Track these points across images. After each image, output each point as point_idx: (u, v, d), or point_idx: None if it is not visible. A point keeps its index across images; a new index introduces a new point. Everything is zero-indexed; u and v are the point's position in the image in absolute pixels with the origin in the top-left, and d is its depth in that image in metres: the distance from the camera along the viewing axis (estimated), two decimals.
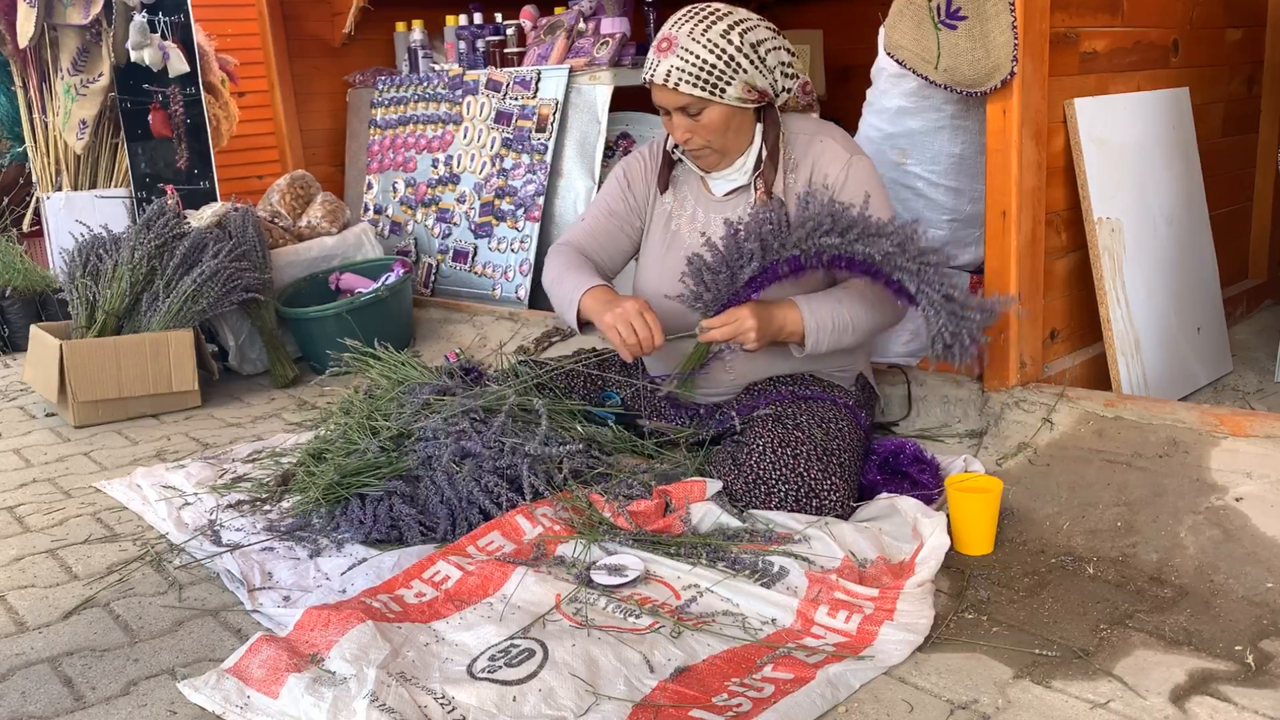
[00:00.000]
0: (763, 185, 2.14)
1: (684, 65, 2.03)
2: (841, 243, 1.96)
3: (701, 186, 2.27)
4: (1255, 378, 2.83)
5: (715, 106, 2.06)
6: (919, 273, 1.96)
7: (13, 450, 2.87)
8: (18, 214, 4.70)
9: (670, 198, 2.30)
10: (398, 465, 2.15)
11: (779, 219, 1.99)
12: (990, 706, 1.45)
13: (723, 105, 2.06)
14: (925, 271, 1.96)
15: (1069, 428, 2.18)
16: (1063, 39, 2.34)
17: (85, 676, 1.66)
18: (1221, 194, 3.07)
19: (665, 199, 2.31)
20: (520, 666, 1.53)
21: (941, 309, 1.96)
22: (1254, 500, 1.85)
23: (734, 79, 2.04)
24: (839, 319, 2.05)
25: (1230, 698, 1.44)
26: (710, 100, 2.05)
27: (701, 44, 2.02)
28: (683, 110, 2.08)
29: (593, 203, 2.41)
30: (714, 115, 2.07)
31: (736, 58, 2.03)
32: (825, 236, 1.96)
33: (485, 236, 3.83)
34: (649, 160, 2.35)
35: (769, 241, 1.98)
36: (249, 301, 3.36)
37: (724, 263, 2.00)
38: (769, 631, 1.65)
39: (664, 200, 2.31)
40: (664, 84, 2.05)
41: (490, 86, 3.89)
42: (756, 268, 1.99)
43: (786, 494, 1.96)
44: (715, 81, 2.03)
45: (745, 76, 2.05)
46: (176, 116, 4.09)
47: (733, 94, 2.05)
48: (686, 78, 2.03)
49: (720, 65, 2.02)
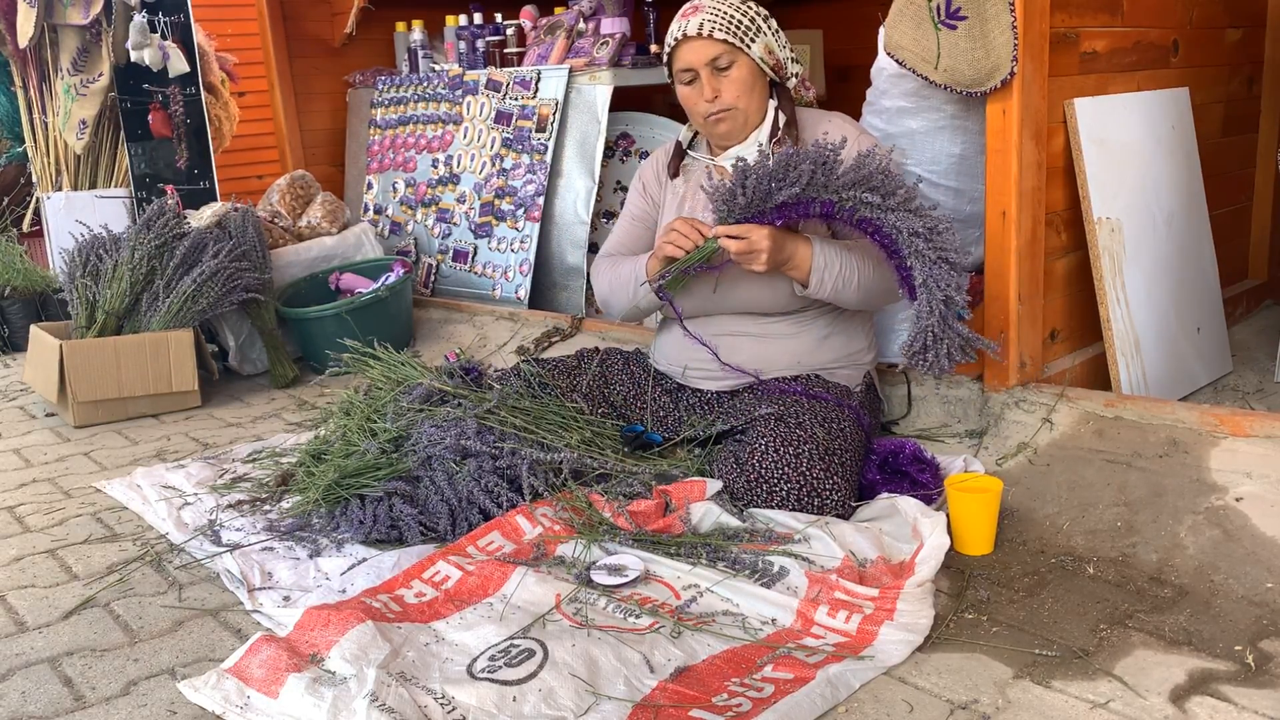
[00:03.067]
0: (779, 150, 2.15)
1: (715, 16, 2.15)
2: (880, 204, 1.99)
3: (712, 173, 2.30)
4: (1255, 378, 2.83)
5: (743, 60, 2.17)
6: (932, 265, 1.98)
7: (13, 450, 2.87)
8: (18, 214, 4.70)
9: (681, 183, 2.37)
10: (398, 466, 2.15)
11: (833, 160, 2.01)
12: (990, 706, 1.45)
13: (749, 60, 2.17)
14: (938, 267, 1.99)
15: (1069, 428, 2.18)
16: (1063, 39, 2.34)
17: (85, 676, 1.66)
18: (1221, 194, 3.07)
19: (676, 184, 2.38)
20: (520, 666, 1.53)
21: (935, 310, 1.98)
22: (1254, 500, 1.85)
23: (757, 36, 2.18)
24: (846, 267, 2.09)
25: (1230, 698, 1.44)
26: (740, 51, 2.16)
27: (727, 4, 2.18)
28: (712, 64, 2.16)
29: (620, 215, 2.51)
30: (742, 70, 2.17)
31: (757, 20, 2.19)
32: (869, 193, 1.99)
33: (485, 236, 3.83)
34: (661, 158, 2.43)
35: (817, 175, 1.99)
36: (249, 301, 3.36)
37: (769, 176, 2.01)
38: (769, 631, 1.65)
39: (675, 185, 2.38)
40: (698, 34, 2.14)
41: (490, 86, 3.89)
42: (795, 194, 2.00)
43: (788, 493, 1.96)
44: (743, 34, 2.16)
45: (766, 39, 2.19)
46: (176, 116, 4.09)
47: (757, 51, 2.17)
48: (719, 26, 2.14)
49: (745, 21, 2.17)
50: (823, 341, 2.23)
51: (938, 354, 2.03)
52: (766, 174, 2.01)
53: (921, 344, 2.03)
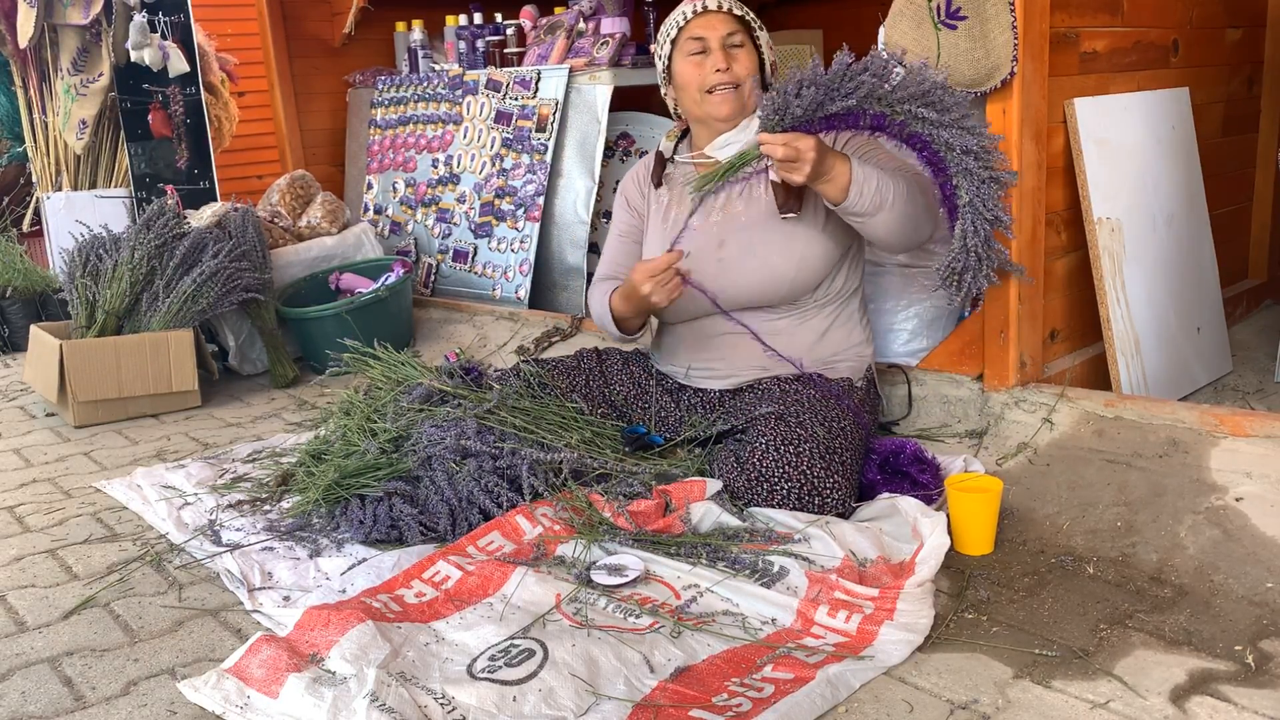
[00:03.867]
0: None
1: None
2: (936, 120, 1.96)
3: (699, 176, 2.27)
4: (1255, 378, 2.83)
5: (750, 47, 2.23)
6: (981, 184, 1.97)
7: (13, 450, 2.87)
8: (18, 214, 4.70)
9: (665, 192, 2.36)
10: (398, 466, 2.15)
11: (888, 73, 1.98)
12: (990, 706, 1.45)
13: (754, 49, 2.24)
14: (987, 186, 1.97)
15: (1069, 428, 2.18)
16: (1063, 39, 2.34)
17: (85, 676, 1.66)
18: (1221, 194, 3.07)
19: (660, 194, 2.37)
20: (520, 666, 1.53)
21: (980, 230, 1.98)
22: (1254, 500, 1.85)
23: (763, 30, 2.26)
24: (883, 184, 2.02)
25: (1230, 698, 1.44)
26: (750, 33, 2.24)
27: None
28: (727, 38, 2.21)
29: (609, 232, 2.51)
30: (751, 55, 2.23)
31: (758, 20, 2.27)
32: (925, 108, 1.97)
33: (485, 236, 3.83)
34: (642, 171, 2.44)
35: (873, 87, 1.96)
36: (249, 301, 3.36)
37: (826, 85, 1.97)
38: (769, 631, 1.65)
39: (659, 195, 2.37)
40: (718, 7, 2.21)
41: (490, 86, 3.89)
42: (850, 106, 1.96)
43: (789, 491, 1.96)
44: (753, 20, 2.24)
45: (766, 36, 2.27)
46: (176, 116, 4.09)
47: (763, 39, 2.26)
48: (736, 3, 2.23)
49: (751, 13, 2.25)
50: (822, 336, 2.24)
51: (976, 275, 2.04)
52: (824, 83, 1.96)
53: (963, 264, 2.03)
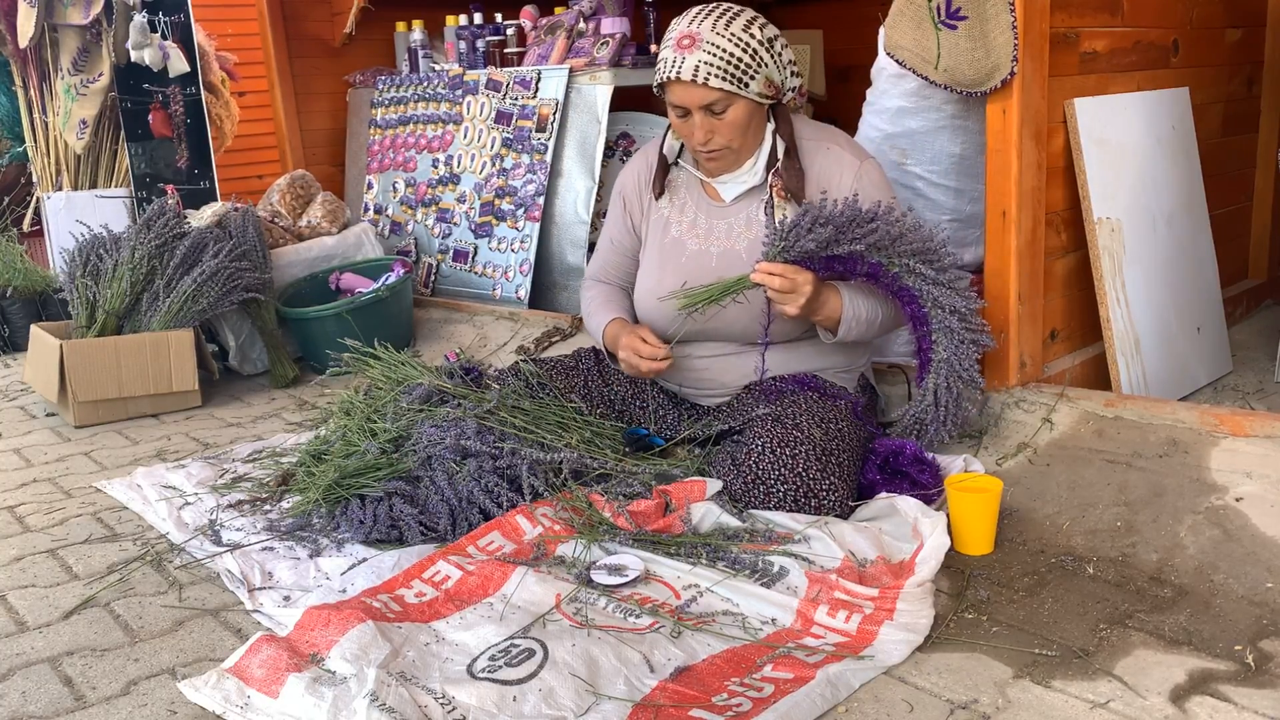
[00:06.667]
0: (779, 182, 2.11)
1: (712, 59, 2.00)
2: (933, 277, 2.01)
3: (704, 192, 2.24)
4: (1255, 378, 2.83)
5: (740, 102, 2.05)
6: (960, 344, 2.04)
7: (13, 450, 2.88)
8: (18, 214, 4.70)
9: (666, 203, 2.28)
10: (398, 466, 2.15)
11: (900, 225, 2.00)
12: (990, 706, 1.45)
13: (746, 100, 2.05)
14: (966, 347, 2.05)
15: (1069, 428, 2.18)
16: (1063, 39, 2.34)
17: (85, 676, 1.66)
18: (1221, 194, 3.07)
19: (661, 204, 2.29)
20: (520, 666, 1.53)
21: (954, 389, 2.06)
22: (1254, 500, 1.85)
23: (757, 73, 2.03)
24: (870, 313, 2.08)
25: (1230, 698, 1.44)
26: (737, 95, 2.04)
27: (727, 38, 2.01)
28: (708, 108, 2.05)
29: (603, 229, 2.44)
30: (739, 112, 2.06)
31: (760, 52, 2.03)
32: (924, 265, 2.00)
33: (485, 236, 3.83)
34: (642, 170, 2.33)
35: (883, 236, 1.98)
36: (249, 301, 3.36)
37: (839, 227, 1.97)
38: (769, 631, 1.65)
39: (659, 206, 2.29)
40: (692, 80, 2.02)
41: (490, 86, 3.89)
42: (856, 250, 1.98)
43: (785, 494, 1.96)
44: (742, 76, 2.02)
45: (766, 71, 2.05)
46: (176, 116, 4.09)
47: (755, 89, 2.05)
48: (716, 71, 2.00)
49: (746, 58, 2.02)
50: (817, 355, 2.23)
51: (939, 428, 2.13)
52: (840, 223, 1.97)
53: (930, 417, 2.12)
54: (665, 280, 2.23)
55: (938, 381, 2.08)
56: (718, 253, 2.19)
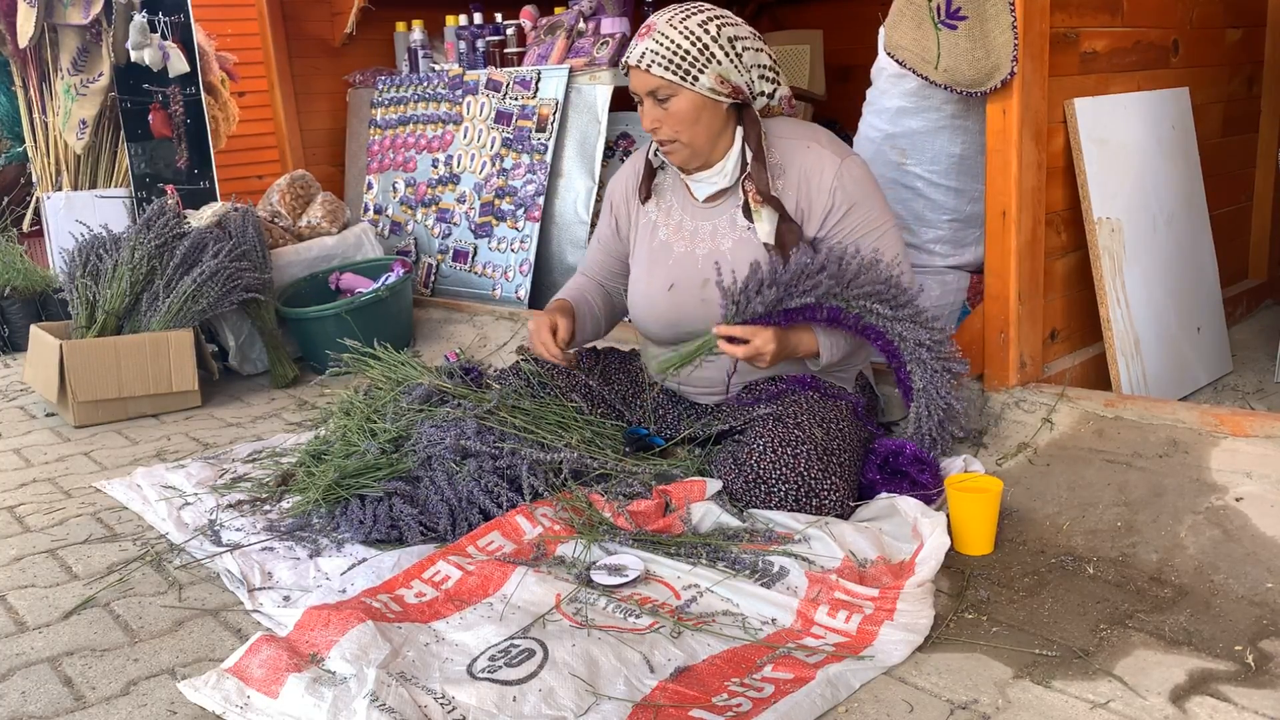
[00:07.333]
0: (752, 187, 2.12)
1: (659, 48, 2.04)
2: (890, 315, 2.03)
3: (687, 194, 2.25)
4: (1255, 378, 2.83)
5: (685, 94, 2.06)
6: (934, 374, 2.06)
7: (13, 450, 2.87)
8: (18, 214, 4.70)
9: (654, 206, 2.30)
10: (398, 466, 2.15)
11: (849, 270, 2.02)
12: (990, 706, 1.45)
13: (692, 93, 2.05)
14: (940, 376, 2.07)
15: (1069, 428, 2.18)
16: (1063, 39, 2.34)
17: (85, 676, 1.66)
18: (1221, 194, 3.07)
19: (649, 208, 2.31)
20: (520, 666, 1.53)
21: (934, 415, 2.09)
22: (1254, 500, 1.85)
23: (706, 67, 2.04)
24: (849, 341, 2.13)
25: (1230, 698, 1.44)
26: (680, 86, 2.05)
27: (678, 30, 2.05)
28: (653, 95, 2.08)
29: (596, 227, 2.46)
30: (683, 104, 2.06)
31: (711, 47, 2.04)
32: (880, 304, 2.03)
33: (485, 236, 3.83)
34: (630, 177, 2.36)
35: (830, 288, 2.01)
36: (249, 301, 3.36)
37: (785, 286, 2.01)
38: (769, 631, 1.65)
39: (647, 210, 2.31)
40: (638, 65, 2.07)
41: (490, 86, 3.89)
42: (808, 303, 2.01)
43: (786, 493, 1.96)
44: (688, 67, 2.03)
45: (719, 68, 2.05)
46: (176, 116, 4.09)
47: (705, 83, 2.05)
48: (659, 60, 2.04)
49: (694, 52, 2.03)
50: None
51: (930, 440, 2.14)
52: (784, 283, 2.00)
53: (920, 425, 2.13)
54: (655, 283, 2.24)
55: (919, 410, 2.11)
56: (703, 254, 2.20)
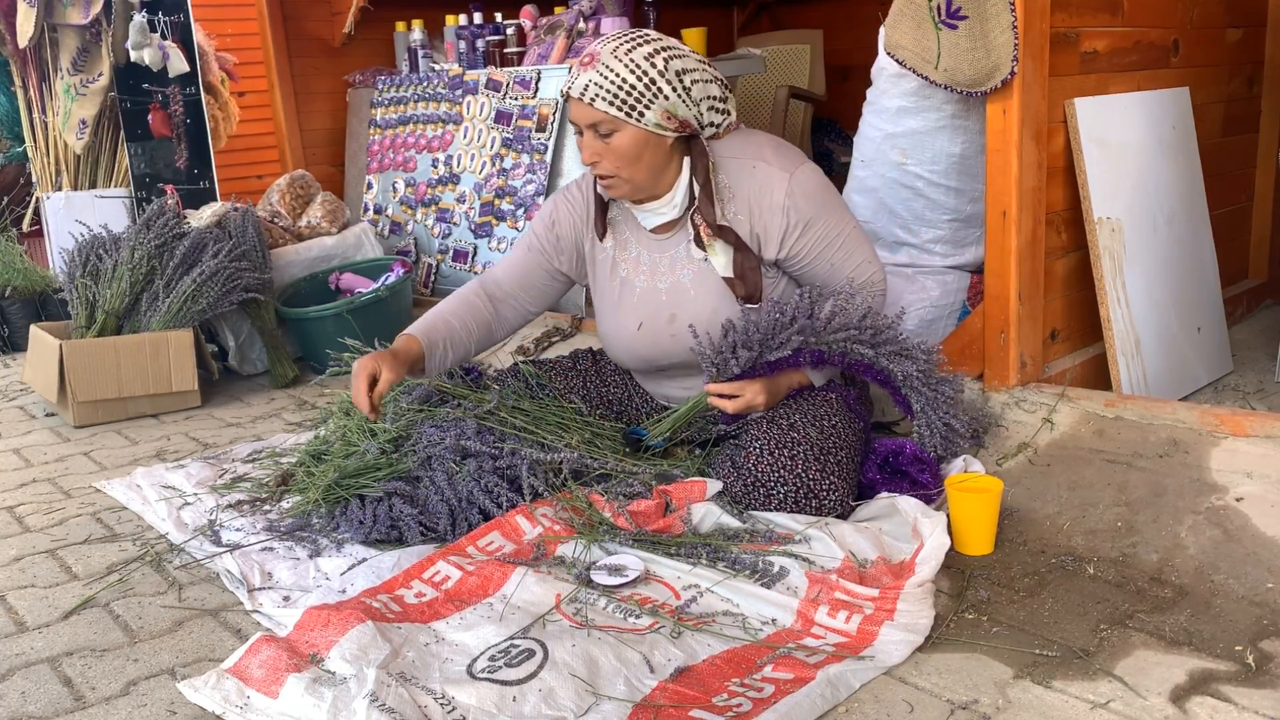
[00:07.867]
0: (701, 220, 2.06)
1: (603, 81, 1.95)
2: (873, 354, 2.04)
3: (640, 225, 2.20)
4: (1255, 378, 2.83)
5: (628, 130, 1.98)
6: (931, 399, 2.07)
7: (13, 450, 2.87)
8: (18, 214, 4.69)
9: (610, 242, 2.23)
10: (398, 466, 2.15)
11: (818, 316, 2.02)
12: (990, 706, 1.45)
13: (636, 129, 1.99)
14: (935, 399, 2.08)
15: (1069, 428, 2.18)
16: (1063, 39, 2.34)
17: (85, 676, 1.66)
18: (1221, 194, 3.06)
19: (605, 245, 2.23)
20: (520, 666, 1.53)
21: (936, 433, 2.09)
22: (1254, 500, 1.85)
23: (653, 103, 1.96)
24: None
25: (1230, 698, 1.44)
26: (624, 122, 1.98)
27: (624, 63, 1.96)
28: (594, 129, 2.01)
29: (520, 237, 2.35)
30: (625, 140, 1.99)
31: (658, 82, 1.96)
32: (858, 344, 2.03)
33: (485, 236, 3.83)
34: (578, 198, 2.26)
35: (804, 341, 2.02)
36: (249, 301, 3.36)
37: (760, 344, 2.02)
38: (769, 632, 1.65)
39: (604, 246, 2.24)
40: (580, 98, 1.98)
41: (490, 86, 3.89)
42: (785, 354, 2.03)
43: (785, 495, 1.96)
44: (633, 103, 1.96)
45: (665, 103, 1.97)
46: (176, 116, 4.09)
47: (650, 119, 1.97)
48: (602, 94, 1.96)
49: (640, 88, 1.95)
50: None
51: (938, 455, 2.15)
52: (757, 342, 2.02)
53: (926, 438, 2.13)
54: (623, 321, 2.20)
55: (920, 431, 2.12)
56: (665, 287, 2.17)
